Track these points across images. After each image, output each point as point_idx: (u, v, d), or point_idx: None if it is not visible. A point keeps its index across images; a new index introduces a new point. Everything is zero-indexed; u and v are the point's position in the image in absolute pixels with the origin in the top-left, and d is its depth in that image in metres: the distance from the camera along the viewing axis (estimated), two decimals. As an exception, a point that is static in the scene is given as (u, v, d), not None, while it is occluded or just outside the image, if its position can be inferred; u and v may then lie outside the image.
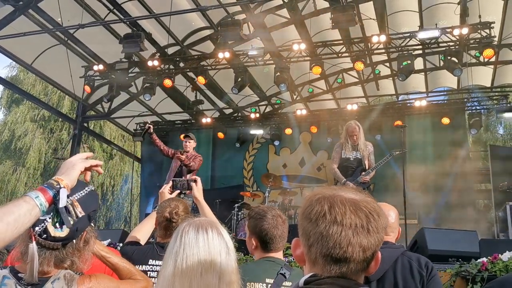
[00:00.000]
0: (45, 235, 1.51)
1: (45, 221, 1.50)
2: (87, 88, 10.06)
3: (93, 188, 1.65)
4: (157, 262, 2.47)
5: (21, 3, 8.25)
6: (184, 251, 1.43)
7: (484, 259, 4.14)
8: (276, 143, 12.22)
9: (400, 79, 8.79)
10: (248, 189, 11.82)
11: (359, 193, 1.11)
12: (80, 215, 1.44)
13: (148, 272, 2.46)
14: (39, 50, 9.86)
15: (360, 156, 6.21)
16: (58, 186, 1.34)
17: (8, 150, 19.70)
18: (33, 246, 1.48)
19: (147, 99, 10.06)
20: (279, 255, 2.34)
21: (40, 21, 9.10)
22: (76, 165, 1.44)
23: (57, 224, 1.45)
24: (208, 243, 1.45)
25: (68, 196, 1.37)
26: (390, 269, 2.16)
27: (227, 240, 1.50)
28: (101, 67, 9.73)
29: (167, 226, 2.60)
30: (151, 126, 7.13)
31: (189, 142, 7.20)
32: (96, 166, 1.53)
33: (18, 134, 19.07)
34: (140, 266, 2.46)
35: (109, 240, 5.15)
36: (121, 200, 20.52)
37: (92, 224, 1.69)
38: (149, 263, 2.50)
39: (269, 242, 2.29)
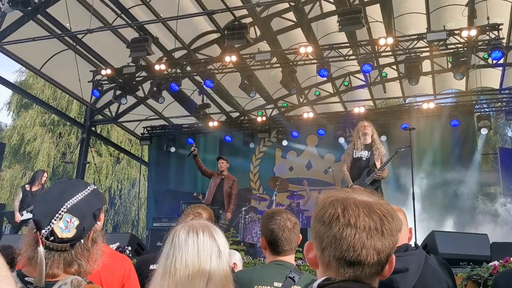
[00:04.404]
0: (52, 238, 1.51)
1: (51, 223, 1.50)
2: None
3: (95, 187, 1.65)
4: None
5: (29, 8, 8.32)
6: (173, 254, 1.42)
7: (496, 263, 4.09)
8: (283, 145, 12.20)
9: (413, 83, 8.76)
10: (255, 192, 11.81)
11: (372, 196, 1.10)
12: None
13: None
14: (48, 55, 9.95)
15: (370, 155, 6.16)
16: None
17: (17, 154, 19.86)
18: (41, 249, 1.47)
19: (160, 102, 10.13)
20: (289, 259, 2.31)
21: (49, 26, 9.19)
22: None
23: (62, 224, 1.45)
24: (198, 246, 1.43)
25: None
26: (419, 280, 2.08)
27: (219, 244, 1.47)
28: (108, 71, 9.79)
29: None
30: (196, 149, 8.28)
31: (222, 163, 8.42)
32: None
33: (27, 138, 19.23)
34: (154, 265, 2.50)
35: (117, 244, 5.15)
36: (128, 204, 20.59)
37: (99, 223, 1.68)
38: None
39: (275, 244, 2.28)
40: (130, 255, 5.05)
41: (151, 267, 2.55)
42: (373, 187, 6.00)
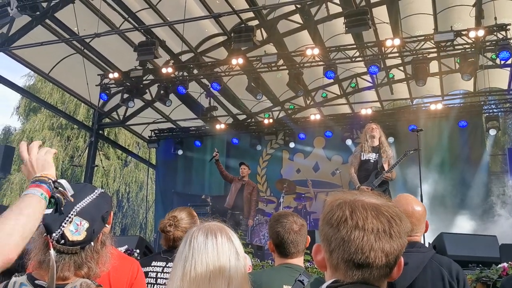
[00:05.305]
0: (63, 241, 1.53)
1: (61, 227, 1.52)
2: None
3: (102, 190, 1.67)
4: (159, 264, 2.63)
5: (38, 13, 8.41)
6: (192, 256, 1.42)
7: (505, 264, 4.06)
8: (290, 147, 12.20)
9: (421, 84, 8.74)
10: (262, 194, 11.81)
11: (380, 198, 1.10)
12: (70, 197, 1.52)
13: (149, 273, 2.59)
14: (56, 59, 10.04)
15: (378, 158, 6.15)
16: (51, 180, 1.44)
17: (26, 158, 19.99)
18: (52, 253, 1.49)
19: (167, 105, 10.19)
20: (298, 261, 2.32)
21: (57, 30, 9.28)
22: (46, 161, 1.53)
23: (72, 227, 1.50)
24: (217, 248, 1.43)
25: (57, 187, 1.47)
26: (419, 277, 2.06)
27: (237, 246, 1.48)
28: (116, 75, 9.85)
29: (165, 237, 2.72)
30: (218, 154, 8.58)
31: (244, 169, 8.67)
32: None
33: (35, 142, 19.37)
34: (144, 267, 2.58)
35: (126, 246, 5.18)
36: (136, 207, 20.68)
37: (107, 226, 1.70)
38: (152, 264, 2.65)
39: (282, 247, 2.29)
40: (139, 257, 5.07)
41: (143, 270, 2.61)
42: (381, 189, 5.98)
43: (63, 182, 1.48)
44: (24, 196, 1.37)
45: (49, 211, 1.48)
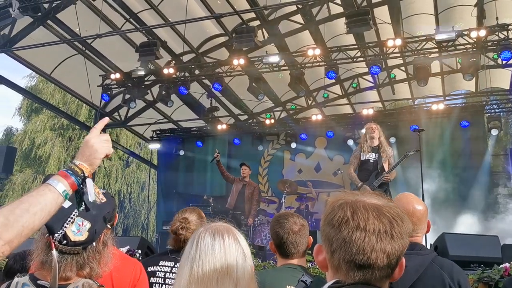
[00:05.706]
0: (65, 241, 1.53)
1: (63, 227, 1.52)
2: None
3: (104, 191, 1.67)
4: (167, 263, 2.63)
5: (39, 14, 8.42)
6: (200, 257, 1.42)
7: (507, 265, 4.06)
8: (292, 148, 12.19)
9: (422, 84, 8.73)
10: (264, 195, 11.81)
11: (382, 198, 1.10)
12: (102, 199, 1.47)
13: (157, 272, 2.60)
14: (58, 60, 10.06)
15: (378, 158, 6.15)
16: (83, 175, 1.34)
17: (28, 159, 20.07)
18: (54, 253, 1.50)
19: (169, 105, 10.19)
20: (300, 261, 2.32)
21: (59, 31, 9.29)
22: (98, 152, 1.41)
23: (74, 227, 1.51)
24: (225, 249, 1.43)
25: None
26: (419, 280, 2.01)
27: (243, 246, 1.48)
28: (117, 75, 9.87)
29: (175, 239, 2.71)
30: (219, 155, 8.69)
31: (245, 169, 8.73)
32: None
33: (38, 142, 19.44)
34: (152, 267, 2.61)
35: (127, 247, 5.18)
36: (138, 207, 20.70)
37: (109, 226, 1.71)
38: (160, 264, 2.65)
39: (282, 247, 2.30)
40: (140, 258, 5.07)
41: (150, 268, 2.61)
42: (381, 189, 5.98)
43: (89, 183, 1.36)
44: (44, 187, 1.26)
45: (68, 204, 1.45)
